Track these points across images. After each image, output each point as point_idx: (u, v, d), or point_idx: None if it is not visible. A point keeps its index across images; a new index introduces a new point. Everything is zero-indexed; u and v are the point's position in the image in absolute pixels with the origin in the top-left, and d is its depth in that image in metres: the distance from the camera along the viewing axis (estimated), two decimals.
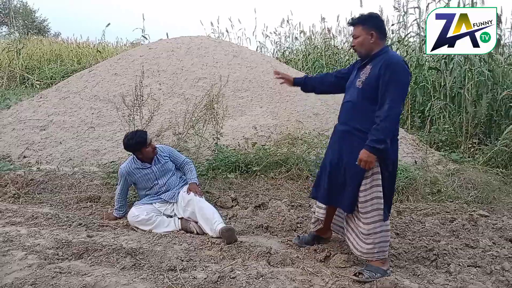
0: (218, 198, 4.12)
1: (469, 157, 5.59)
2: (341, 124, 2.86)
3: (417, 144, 5.85)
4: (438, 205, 4.25)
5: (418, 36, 7.57)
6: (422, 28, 7.44)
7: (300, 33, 11.73)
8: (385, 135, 2.52)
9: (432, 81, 7.02)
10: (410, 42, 8.15)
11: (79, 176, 4.39)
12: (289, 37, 12.21)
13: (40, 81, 11.29)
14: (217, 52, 7.32)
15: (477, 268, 2.97)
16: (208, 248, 3.18)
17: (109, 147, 4.96)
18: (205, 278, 2.64)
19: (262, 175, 4.53)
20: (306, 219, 3.77)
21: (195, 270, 2.80)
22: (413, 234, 3.56)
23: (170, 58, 6.91)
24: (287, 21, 11.65)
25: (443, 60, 6.60)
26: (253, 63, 7.26)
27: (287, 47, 12.30)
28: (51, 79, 11.97)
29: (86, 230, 3.44)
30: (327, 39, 10.92)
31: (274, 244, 3.24)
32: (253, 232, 3.53)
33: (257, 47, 12.28)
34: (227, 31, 11.70)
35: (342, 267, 2.90)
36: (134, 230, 3.54)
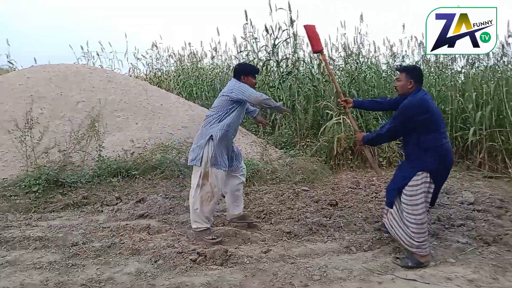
0: (104, 198, 5.04)
1: (302, 152, 7.31)
2: None
3: (264, 145, 7.44)
4: (274, 186, 5.79)
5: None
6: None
7: (169, 56, 12.79)
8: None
9: (277, 96, 8.73)
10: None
11: None
12: (159, 59, 13.07)
13: None
14: (93, 78, 8.12)
15: (291, 219, 4.50)
16: (100, 231, 4.17)
17: None
18: (101, 246, 3.69)
19: (141, 177, 5.54)
20: (177, 205, 4.94)
21: (93, 243, 3.81)
22: (254, 206, 4.99)
23: (49, 85, 7.48)
24: (156, 46, 12.56)
25: (279, 80, 8.41)
26: (126, 86, 8.22)
27: (158, 69, 13.15)
28: None
29: None
30: (194, 62, 12.23)
31: (153, 223, 4.36)
32: (136, 218, 4.56)
33: (129, 68, 12.75)
34: (98, 54, 11.94)
35: None
36: (36, 226, 4.32)
